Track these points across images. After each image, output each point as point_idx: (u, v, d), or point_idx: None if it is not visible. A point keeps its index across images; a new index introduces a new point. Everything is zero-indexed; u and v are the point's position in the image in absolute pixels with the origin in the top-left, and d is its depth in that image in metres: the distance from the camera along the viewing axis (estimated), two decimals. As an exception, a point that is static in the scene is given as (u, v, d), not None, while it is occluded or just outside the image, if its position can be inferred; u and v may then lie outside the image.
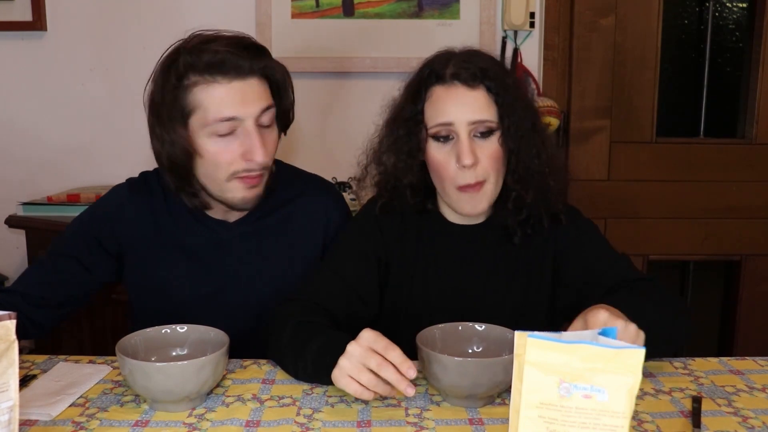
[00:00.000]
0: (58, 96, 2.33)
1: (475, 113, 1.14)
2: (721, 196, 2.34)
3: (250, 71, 1.15)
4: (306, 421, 0.95)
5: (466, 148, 1.13)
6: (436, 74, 1.17)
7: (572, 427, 0.63)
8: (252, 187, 1.20)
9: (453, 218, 1.25)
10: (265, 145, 1.16)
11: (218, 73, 1.13)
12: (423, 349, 0.99)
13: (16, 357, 0.76)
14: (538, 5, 2.26)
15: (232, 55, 1.13)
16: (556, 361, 0.64)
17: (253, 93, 1.15)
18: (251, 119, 1.15)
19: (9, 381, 0.76)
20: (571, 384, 0.64)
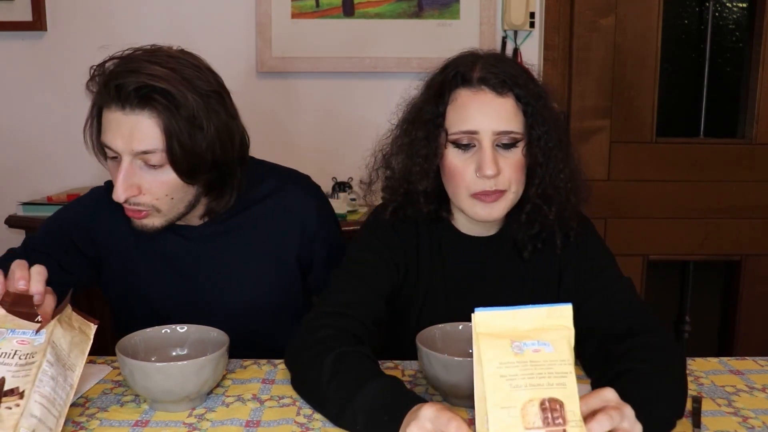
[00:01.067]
0: (58, 96, 2.33)
1: (502, 123, 1.08)
2: (721, 196, 2.34)
3: (138, 105, 1.06)
4: (306, 421, 0.95)
5: (489, 158, 1.08)
6: (462, 76, 1.11)
7: (531, 378, 0.72)
8: (136, 219, 1.14)
9: (465, 229, 1.22)
10: (131, 183, 1.09)
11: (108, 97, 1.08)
12: (423, 349, 0.99)
13: (87, 350, 0.95)
14: (538, 5, 2.26)
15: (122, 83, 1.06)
16: (504, 327, 0.75)
17: (134, 130, 1.07)
18: (128, 155, 1.08)
19: (76, 364, 0.92)
20: (521, 342, 0.74)
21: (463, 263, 1.23)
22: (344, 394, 0.90)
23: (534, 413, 0.70)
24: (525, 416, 0.70)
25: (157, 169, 1.10)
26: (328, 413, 0.95)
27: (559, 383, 0.72)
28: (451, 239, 1.23)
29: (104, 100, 1.09)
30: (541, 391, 0.72)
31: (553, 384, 0.72)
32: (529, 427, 0.70)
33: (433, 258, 1.22)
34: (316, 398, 0.97)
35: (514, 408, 0.71)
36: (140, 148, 1.07)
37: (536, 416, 0.70)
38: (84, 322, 0.97)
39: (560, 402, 0.71)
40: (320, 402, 0.96)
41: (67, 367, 0.88)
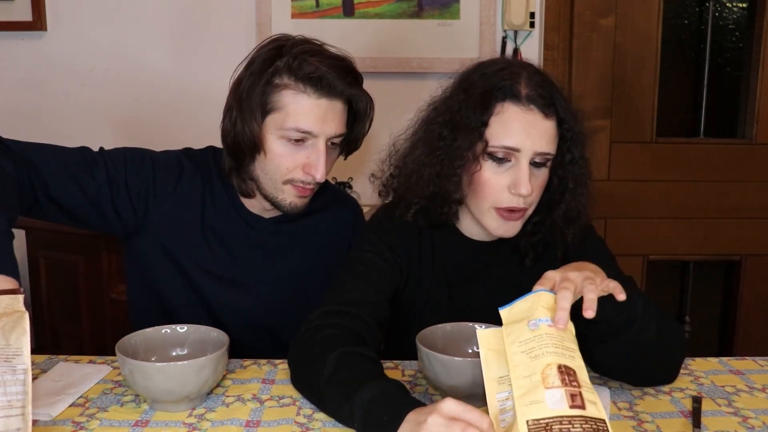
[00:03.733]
0: (58, 96, 2.33)
1: (544, 145, 1.09)
2: (721, 196, 2.34)
3: (339, 95, 1.18)
4: (306, 421, 0.95)
5: (526, 178, 1.08)
6: (511, 91, 1.09)
7: (547, 347, 0.80)
8: (303, 197, 1.23)
9: (469, 233, 1.23)
10: (327, 165, 1.20)
11: (311, 87, 1.16)
12: (423, 349, 0.99)
13: (27, 326, 0.83)
14: (538, 5, 2.26)
15: (330, 75, 1.16)
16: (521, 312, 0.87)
17: (333, 114, 1.18)
18: (323, 138, 1.18)
19: (22, 347, 0.82)
20: (536, 319, 0.84)
21: (465, 266, 1.23)
22: (344, 390, 0.90)
23: (553, 375, 0.77)
24: (545, 379, 0.77)
25: (334, 148, 1.23)
26: (326, 407, 0.95)
27: (570, 355, 0.80)
28: (453, 242, 1.23)
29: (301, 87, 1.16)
30: (557, 357, 0.79)
31: (565, 354, 0.80)
32: (549, 387, 0.76)
33: (435, 260, 1.22)
34: (315, 394, 0.97)
35: (535, 374, 0.78)
36: (338, 131, 1.20)
37: (555, 377, 0.77)
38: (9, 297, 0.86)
39: (572, 369, 0.79)
40: (319, 397, 0.96)
41: (10, 356, 0.82)
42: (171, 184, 1.25)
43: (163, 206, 1.24)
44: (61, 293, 2.18)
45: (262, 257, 1.29)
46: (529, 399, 0.76)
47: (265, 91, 1.17)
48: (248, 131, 1.18)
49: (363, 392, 0.88)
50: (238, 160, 1.22)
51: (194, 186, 1.27)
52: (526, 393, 0.77)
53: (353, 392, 0.89)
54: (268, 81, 1.17)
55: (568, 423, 0.74)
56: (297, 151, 1.18)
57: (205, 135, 1.41)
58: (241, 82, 1.19)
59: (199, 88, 2.26)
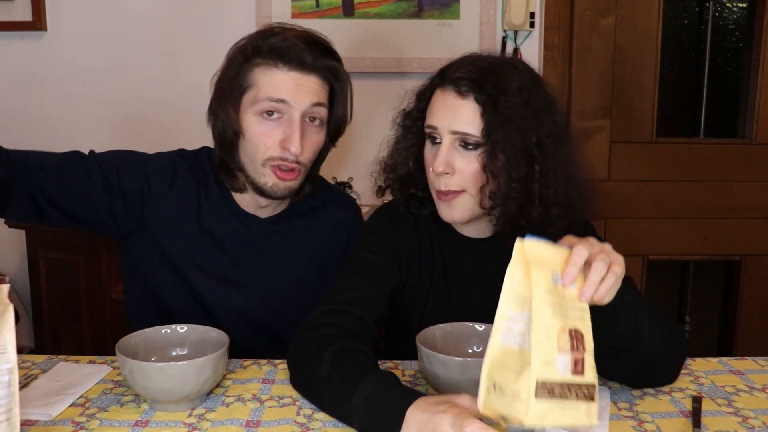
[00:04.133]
0: (58, 96, 2.33)
1: (456, 123, 1.09)
2: (721, 196, 2.34)
3: (313, 68, 1.17)
4: (306, 421, 0.95)
5: (441, 155, 1.10)
6: (441, 77, 1.15)
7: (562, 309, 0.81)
8: (284, 180, 1.20)
9: (463, 231, 1.23)
10: (303, 139, 1.17)
11: (279, 59, 1.16)
12: (423, 349, 0.99)
13: (11, 320, 0.78)
14: (538, 5, 2.26)
15: (298, 47, 1.16)
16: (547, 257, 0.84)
17: (308, 87, 1.17)
18: (299, 110, 1.16)
19: (6, 344, 0.77)
20: (558, 276, 0.83)
21: (464, 264, 1.23)
22: (341, 391, 0.91)
23: (565, 340, 0.79)
24: (559, 340, 0.79)
25: (315, 127, 1.21)
26: (326, 408, 0.96)
27: (581, 318, 0.82)
28: (452, 241, 1.23)
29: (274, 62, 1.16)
30: (570, 322, 0.81)
31: (576, 318, 0.81)
32: (561, 350, 0.78)
33: (435, 259, 1.23)
34: (315, 395, 0.98)
35: (552, 331, 0.79)
36: (315, 99, 1.18)
37: (566, 341, 0.79)
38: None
39: (581, 333, 0.81)
40: (319, 398, 0.97)
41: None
42: (166, 185, 1.25)
43: (159, 208, 1.24)
44: (61, 293, 2.19)
45: (259, 257, 1.29)
46: (545, 357, 0.78)
47: (238, 74, 1.18)
48: (228, 120, 1.19)
49: (358, 393, 0.88)
50: (226, 152, 1.22)
51: (189, 187, 1.26)
52: (543, 349, 0.78)
53: (349, 393, 0.89)
54: (239, 64, 1.18)
55: (567, 389, 0.78)
56: (273, 127, 1.17)
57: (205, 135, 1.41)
58: (219, 77, 1.22)
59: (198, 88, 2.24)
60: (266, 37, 1.18)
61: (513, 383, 0.78)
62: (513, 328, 0.81)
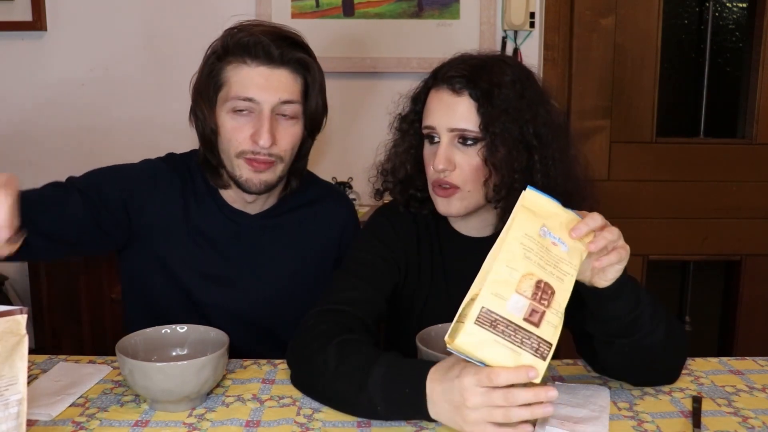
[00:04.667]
0: (58, 96, 2.33)
1: (453, 120, 1.10)
2: (721, 196, 2.34)
3: (281, 62, 1.18)
4: (306, 421, 0.95)
5: (441, 153, 1.11)
6: (434, 77, 1.16)
7: (540, 260, 0.83)
8: (257, 172, 1.20)
9: (462, 229, 1.23)
10: (273, 132, 1.18)
11: (248, 56, 1.18)
12: (423, 349, 0.99)
13: (25, 351, 0.79)
14: (538, 5, 2.26)
15: (264, 41, 1.17)
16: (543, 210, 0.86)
17: (277, 82, 1.18)
18: (268, 105, 1.17)
19: (18, 374, 0.78)
20: (548, 230, 0.85)
21: (463, 263, 1.23)
22: (353, 381, 0.92)
23: (528, 285, 0.80)
24: (520, 283, 0.80)
25: (289, 121, 1.21)
26: (339, 404, 0.96)
27: (559, 277, 0.83)
28: (451, 240, 1.23)
29: (242, 58, 1.18)
30: (543, 273, 0.82)
31: (554, 274, 0.82)
32: (519, 292, 0.80)
33: (434, 258, 1.23)
34: (322, 391, 0.98)
35: (516, 271, 0.81)
36: (284, 97, 1.18)
37: (529, 288, 0.80)
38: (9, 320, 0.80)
39: (553, 289, 0.81)
40: (327, 394, 0.97)
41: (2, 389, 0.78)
42: (147, 191, 1.25)
43: (144, 214, 1.24)
44: (61, 293, 2.19)
45: (249, 254, 1.29)
46: (497, 289, 0.79)
47: (211, 73, 1.20)
48: (204, 116, 1.21)
49: (374, 377, 0.90)
50: (208, 150, 1.23)
51: (173, 188, 1.27)
52: (498, 282, 0.80)
53: (364, 380, 0.91)
54: (213, 63, 1.21)
55: (512, 331, 0.78)
56: (245, 122, 1.18)
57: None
58: (196, 79, 1.24)
59: (199, 88, 2.26)
60: (234, 34, 1.20)
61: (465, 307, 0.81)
62: None
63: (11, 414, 0.78)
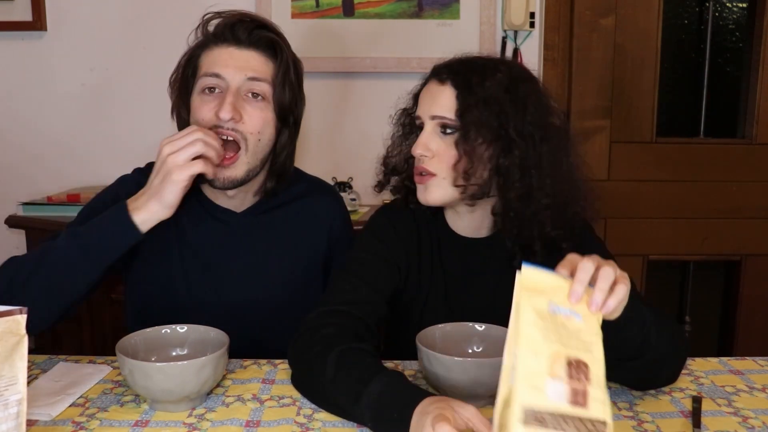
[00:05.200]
0: (58, 96, 2.33)
1: (434, 108, 1.14)
2: (721, 196, 2.34)
3: (249, 42, 1.20)
4: (306, 421, 0.95)
5: (421, 139, 1.15)
6: (431, 72, 1.20)
7: (560, 337, 0.76)
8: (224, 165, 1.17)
9: (461, 231, 1.24)
10: (243, 111, 1.17)
11: (217, 38, 1.21)
12: (423, 349, 0.99)
13: (25, 351, 0.80)
14: (538, 5, 2.26)
15: (230, 23, 1.21)
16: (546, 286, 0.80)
17: (245, 61, 1.19)
18: (235, 83, 1.18)
19: (18, 375, 0.79)
20: (557, 306, 0.78)
21: (461, 264, 1.23)
22: (350, 392, 0.91)
23: (560, 367, 0.73)
24: (551, 366, 0.73)
25: (259, 102, 1.20)
26: (334, 410, 0.96)
27: (586, 348, 0.76)
28: (450, 241, 1.23)
29: (213, 41, 1.22)
30: (569, 350, 0.75)
31: (580, 348, 0.76)
32: (554, 376, 0.72)
33: (434, 259, 1.23)
34: (320, 396, 0.98)
35: (542, 356, 0.73)
36: (251, 74, 1.19)
37: (561, 369, 0.73)
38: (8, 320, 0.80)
39: (585, 363, 0.75)
40: (324, 399, 0.97)
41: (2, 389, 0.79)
42: None
43: None
44: (61, 293, 2.18)
45: (238, 254, 1.28)
46: (531, 381, 0.72)
47: (188, 63, 1.24)
48: (184, 110, 1.24)
49: (369, 391, 0.89)
50: None
51: None
52: (529, 373, 0.72)
53: (359, 393, 0.89)
54: (189, 56, 1.24)
55: (562, 421, 0.71)
56: (211, 101, 1.19)
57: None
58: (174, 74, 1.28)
59: (199, 88, 2.26)
60: (205, 23, 1.24)
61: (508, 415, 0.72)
62: None
63: (11, 414, 0.79)
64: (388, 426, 0.87)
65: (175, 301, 1.26)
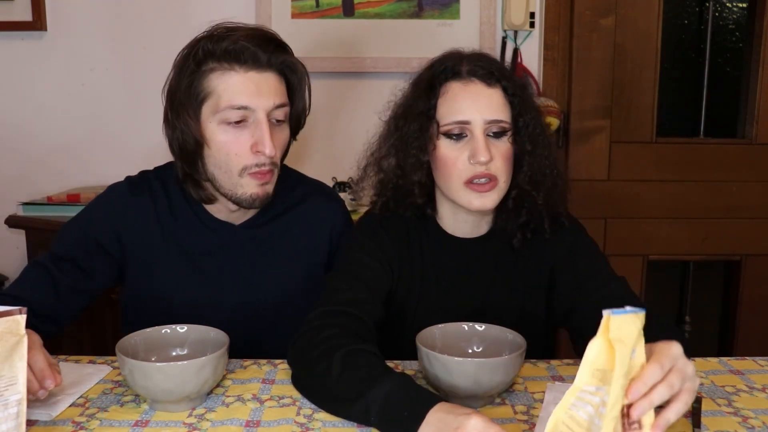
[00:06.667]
0: (58, 96, 2.33)
1: (492, 112, 1.12)
2: (721, 196, 2.34)
3: (268, 65, 1.15)
4: (306, 421, 0.95)
5: (482, 145, 1.11)
6: (452, 70, 1.15)
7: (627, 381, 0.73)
8: (263, 184, 1.17)
9: (453, 231, 1.23)
10: (274, 139, 1.15)
11: (235, 62, 1.13)
12: (423, 349, 0.99)
13: (25, 351, 0.80)
14: (538, 5, 2.26)
15: (251, 46, 1.14)
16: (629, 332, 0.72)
17: (268, 86, 1.15)
18: (263, 111, 1.14)
19: (18, 374, 0.79)
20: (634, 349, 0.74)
21: (454, 264, 1.23)
22: (357, 387, 0.91)
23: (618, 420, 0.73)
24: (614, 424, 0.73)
25: (279, 126, 1.19)
26: (338, 408, 0.95)
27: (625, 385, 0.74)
28: (441, 242, 1.23)
29: (228, 64, 1.14)
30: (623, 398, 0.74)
31: None
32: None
33: (425, 260, 1.23)
34: (323, 395, 0.97)
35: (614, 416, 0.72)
36: (277, 101, 1.16)
37: (618, 423, 0.73)
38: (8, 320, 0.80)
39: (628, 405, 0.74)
40: (328, 398, 0.96)
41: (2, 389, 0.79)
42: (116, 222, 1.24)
43: (123, 244, 1.25)
44: (61, 293, 2.18)
45: (237, 266, 1.26)
46: None
47: (192, 83, 1.14)
48: (187, 129, 1.15)
49: (378, 388, 0.89)
50: (190, 164, 1.19)
51: (143, 210, 1.25)
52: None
53: (367, 389, 0.89)
54: (192, 71, 1.14)
55: None
56: (240, 133, 1.14)
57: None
58: (171, 85, 1.18)
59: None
60: (216, 40, 1.15)
61: None
62: (585, 398, 0.73)
63: (11, 414, 0.79)
64: (396, 424, 0.86)
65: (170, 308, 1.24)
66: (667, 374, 0.76)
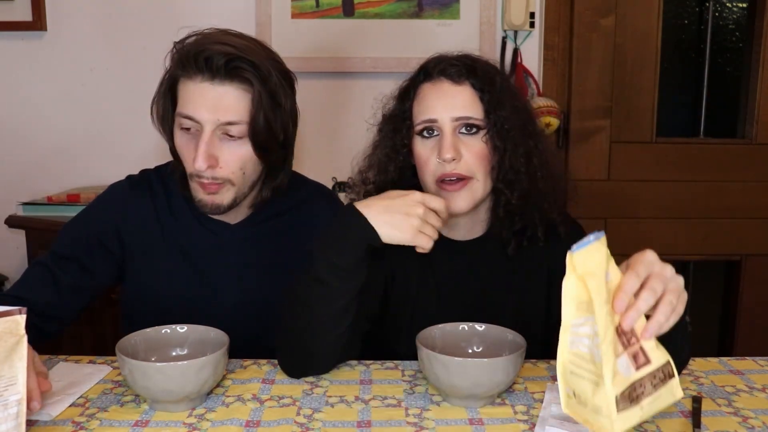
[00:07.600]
0: (58, 96, 2.33)
1: (458, 109, 1.11)
2: (721, 196, 2.34)
3: (225, 75, 1.09)
4: (306, 421, 0.95)
5: (447, 142, 1.10)
6: (425, 72, 1.17)
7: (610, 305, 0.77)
8: (209, 194, 1.16)
9: (446, 233, 1.22)
10: (212, 153, 1.11)
11: (196, 70, 1.10)
12: (423, 349, 0.99)
13: (25, 351, 0.80)
14: (538, 5, 2.26)
15: (207, 51, 1.09)
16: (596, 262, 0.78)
17: (218, 101, 1.10)
18: (209, 125, 1.11)
19: (17, 374, 0.79)
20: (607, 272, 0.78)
21: (450, 267, 1.23)
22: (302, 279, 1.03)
23: (615, 340, 0.75)
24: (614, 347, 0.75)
25: (235, 141, 1.13)
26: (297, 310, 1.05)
27: None
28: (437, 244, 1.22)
29: (187, 71, 1.12)
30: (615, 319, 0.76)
31: None
32: (618, 354, 0.75)
33: (422, 262, 1.22)
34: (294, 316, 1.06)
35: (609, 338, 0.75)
36: (225, 118, 1.10)
37: (617, 342, 0.76)
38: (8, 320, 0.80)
39: None
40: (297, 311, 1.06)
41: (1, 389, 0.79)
42: (116, 220, 1.25)
43: (123, 243, 1.25)
44: (61, 293, 2.18)
45: (233, 266, 1.26)
46: (612, 369, 0.74)
47: (169, 88, 1.16)
48: (168, 126, 1.18)
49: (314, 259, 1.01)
50: (179, 162, 1.20)
51: (142, 209, 1.25)
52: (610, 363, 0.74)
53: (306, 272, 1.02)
54: (169, 78, 1.16)
55: (640, 387, 0.75)
56: (189, 140, 1.13)
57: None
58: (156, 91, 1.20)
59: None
60: (183, 43, 1.15)
61: (591, 398, 0.76)
62: (579, 332, 0.77)
63: (11, 414, 0.79)
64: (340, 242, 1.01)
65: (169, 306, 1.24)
66: (646, 280, 0.80)
